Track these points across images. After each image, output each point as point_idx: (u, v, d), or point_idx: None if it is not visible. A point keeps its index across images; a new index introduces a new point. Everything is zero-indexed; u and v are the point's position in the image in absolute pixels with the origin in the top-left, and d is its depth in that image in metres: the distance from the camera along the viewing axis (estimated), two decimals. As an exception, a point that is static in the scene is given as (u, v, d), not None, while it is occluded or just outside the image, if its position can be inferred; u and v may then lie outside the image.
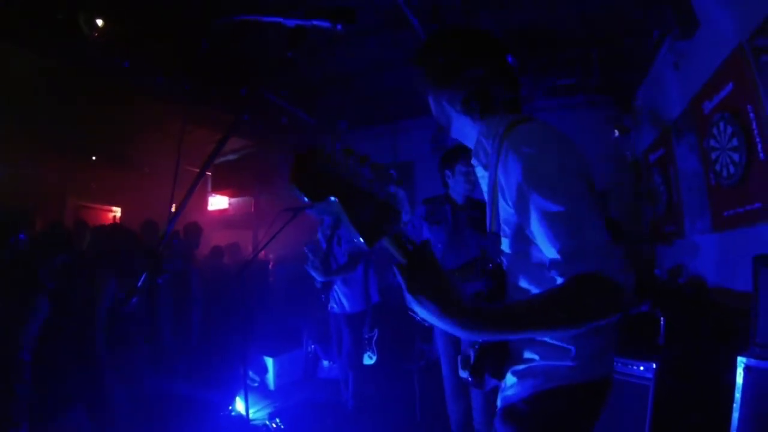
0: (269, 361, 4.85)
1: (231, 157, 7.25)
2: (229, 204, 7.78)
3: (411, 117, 6.44)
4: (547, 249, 1.01)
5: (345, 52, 4.63)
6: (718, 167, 3.28)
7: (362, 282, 3.92)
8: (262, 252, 6.71)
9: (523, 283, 1.18)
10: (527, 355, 1.19)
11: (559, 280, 0.97)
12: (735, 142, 3.03)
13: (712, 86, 3.27)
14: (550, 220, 0.98)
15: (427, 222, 3.30)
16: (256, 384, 4.86)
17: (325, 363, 5.15)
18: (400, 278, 0.90)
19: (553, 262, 0.98)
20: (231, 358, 4.72)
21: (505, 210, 1.14)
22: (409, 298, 0.89)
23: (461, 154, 3.08)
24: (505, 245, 1.20)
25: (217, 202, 8.03)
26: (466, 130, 1.30)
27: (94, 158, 6.02)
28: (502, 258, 1.24)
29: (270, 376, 4.86)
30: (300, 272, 6.48)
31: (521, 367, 1.20)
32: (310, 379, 5.18)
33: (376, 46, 4.64)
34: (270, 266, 6.30)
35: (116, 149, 6.08)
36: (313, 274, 3.61)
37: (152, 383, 4.11)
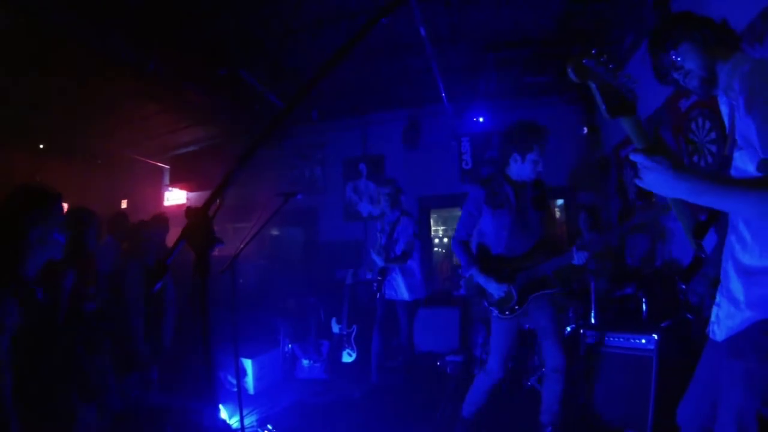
0: (248, 363, 4.79)
1: (191, 148, 7.05)
2: (188, 199, 7.55)
3: (382, 110, 6.68)
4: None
5: (327, 39, 4.65)
6: (695, 158, 3.79)
7: (420, 273, 4.69)
8: (218, 249, 6.60)
9: None
10: None
11: None
12: (713, 135, 3.55)
13: (689, 86, 3.79)
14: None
15: (488, 206, 3.18)
16: (234, 389, 4.78)
17: (305, 362, 5.18)
18: (637, 156, 1.37)
19: (762, 162, 1.34)
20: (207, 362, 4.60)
21: (744, 124, 1.44)
22: (647, 164, 1.36)
23: (534, 142, 3.04)
24: (740, 160, 1.54)
25: (175, 196, 7.76)
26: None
27: (41, 146, 5.58)
28: (731, 173, 1.60)
29: (249, 380, 4.79)
30: (267, 268, 6.45)
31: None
32: (290, 381, 5.18)
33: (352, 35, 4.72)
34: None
35: (67, 137, 5.67)
36: (375, 258, 4.53)
37: (126, 394, 3.92)
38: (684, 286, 2.17)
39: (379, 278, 4.57)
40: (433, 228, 9.50)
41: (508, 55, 5.11)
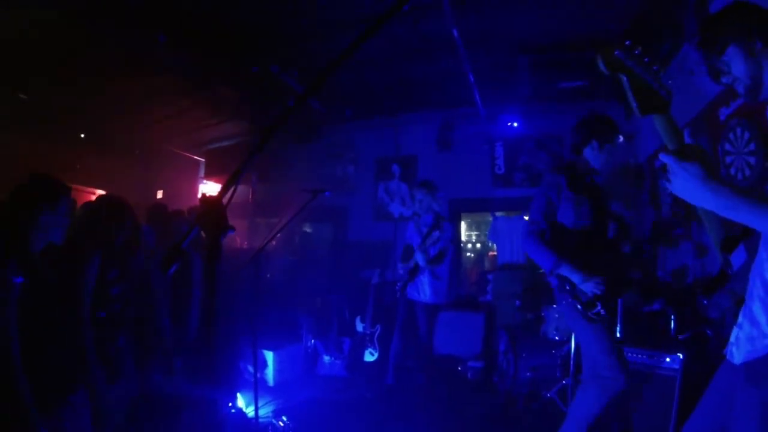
0: (269, 356, 4.89)
1: (225, 143, 7.24)
2: (223, 192, 7.58)
3: (415, 111, 6.67)
4: None
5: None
6: (732, 170, 3.62)
7: (448, 278, 4.63)
8: (243, 242, 6.72)
9: None
10: None
11: None
12: (752, 146, 3.39)
13: (729, 93, 3.63)
14: None
15: (571, 191, 2.97)
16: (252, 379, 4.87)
17: (326, 359, 5.23)
18: (668, 157, 1.27)
19: None
20: (230, 352, 4.71)
21: None
22: (676, 169, 1.25)
23: (614, 134, 2.99)
24: None
25: (210, 189, 7.86)
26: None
27: (82, 136, 5.88)
28: None
29: (269, 372, 4.88)
30: (295, 264, 6.54)
31: None
32: (311, 376, 5.25)
33: (386, 35, 4.68)
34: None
35: (107, 128, 5.94)
36: (419, 257, 4.46)
37: (148, 379, 4.04)
38: (705, 302, 2.07)
39: (406, 278, 4.56)
40: (465, 233, 9.43)
41: (542, 59, 5.01)
